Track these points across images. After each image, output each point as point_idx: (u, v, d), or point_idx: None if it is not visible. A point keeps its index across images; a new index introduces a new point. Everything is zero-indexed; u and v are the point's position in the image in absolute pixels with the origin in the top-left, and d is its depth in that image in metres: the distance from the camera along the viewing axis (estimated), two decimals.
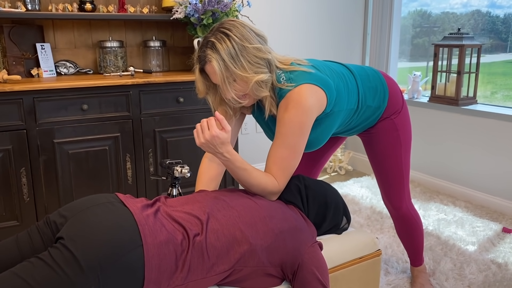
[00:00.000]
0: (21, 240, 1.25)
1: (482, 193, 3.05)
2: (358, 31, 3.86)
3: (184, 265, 1.19)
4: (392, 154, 1.80)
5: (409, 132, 1.82)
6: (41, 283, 1.06)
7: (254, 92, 1.46)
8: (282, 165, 1.46)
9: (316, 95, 1.48)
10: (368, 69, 1.77)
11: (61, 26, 2.75)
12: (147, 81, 2.48)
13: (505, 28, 3.20)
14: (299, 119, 1.45)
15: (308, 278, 1.30)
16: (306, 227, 1.44)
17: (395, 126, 1.77)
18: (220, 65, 1.39)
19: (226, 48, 1.39)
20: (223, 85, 1.43)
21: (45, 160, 2.32)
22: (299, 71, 1.51)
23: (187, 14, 2.62)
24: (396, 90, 1.79)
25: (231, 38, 1.40)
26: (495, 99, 3.28)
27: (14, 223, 2.31)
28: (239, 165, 1.41)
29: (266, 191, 1.45)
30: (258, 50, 1.43)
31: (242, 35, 1.41)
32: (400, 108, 1.79)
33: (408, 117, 1.83)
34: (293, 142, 1.46)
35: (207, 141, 1.34)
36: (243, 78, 1.41)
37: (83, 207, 1.21)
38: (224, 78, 1.41)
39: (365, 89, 1.69)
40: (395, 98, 1.77)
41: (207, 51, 1.41)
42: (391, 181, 1.84)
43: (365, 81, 1.70)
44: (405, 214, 1.91)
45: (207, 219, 1.28)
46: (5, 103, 2.19)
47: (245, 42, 1.41)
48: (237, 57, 1.40)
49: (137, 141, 2.54)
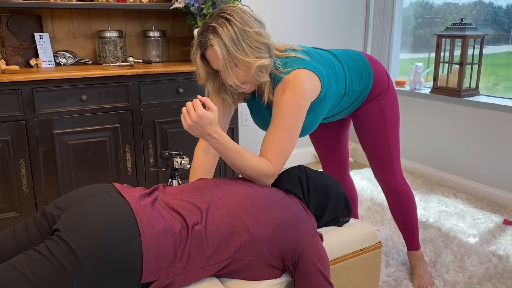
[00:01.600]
0: (18, 232, 1.24)
1: (483, 185, 3.04)
2: (359, 21, 3.83)
3: (183, 255, 1.18)
4: (379, 132, 1.86)
5: (396, 112, 1.86)
6: (38, 275, 1.05)
7: (255, 77, 1.45)
8: (277, 148, 1.45)
9: (311, 80, 1.49)
10: (352, 53, 1.79)
11: (59, 16, 2.72)
12: (147, 71, 2.46)
13: (507, 19, 3.17)
14: (296, 102, 1.45)
15: (309, 269, 1.29)
16: (307, 217, 1.43)
17: (381, 107, 1.82)
18: (222, 49, 1.38)
19: (227, 33, 1.37)
20: (225, 70, 1.41)
21: (44, 151, 2.30)
22: (293, 57, 1.52)
23: (187, 3, 2.59)
24: (381, 72, 1.81)
25: (232, 23, 1.39)
26: (497, 90, 3.26)
27: (13, 214, 2.30)
28: (230, 145, 1.38)
29: (261, 174, 1.42)
30: (259, 34, 1.42)
31: (243, 20, 1.41)
32: (385, 89, 1.82)
33: (394, 97, 1.86)
34: (290, 124, 1.45)
35: (194, 122, 1.31)
36: (245, 63, 1.40)
37: (79, 198, 1.20)
38: (226, 62, 1.39)
39: (351, 74, 1.71)
40: (380, 80, 1.79)
41: (209, 35, 1.39)
42: (380, 156, 1.90)
43: (350, 66, 1.72)
44: (397, 188, 1.94)
45: (207, 208, 1.27)
46: (4, 93, 2.17)
47: (246, 27, 1.40)
48: (239, 41, 1.39)
49: (136, 132, 2.52)
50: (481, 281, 2.03)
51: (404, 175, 2.06)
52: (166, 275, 1.16)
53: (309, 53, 1.59)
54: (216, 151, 1.43)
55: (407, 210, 1.98)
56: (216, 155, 1.67)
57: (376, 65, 1.81)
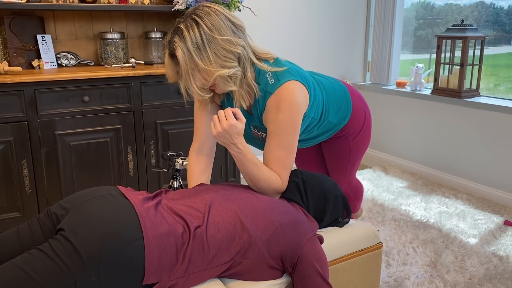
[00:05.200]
0: (21, 232, 1.25)
1: (484, 186, 3.04)
2: (360, 22, 3.84)
3: (184, 257, 1.19)
4: (340, 166, 1.96)
5: (363, 151, 1.93)
6: (41, 275, 1.06)
7: (220, 86, 1.42)
8: (281, 165, 1.47)
9: (302, 93, 1.48)
10: (336, 84, 1.78)
11: (62, 17, 2.73)
12: (149, 72, 2.47)
13: (509, 20, 3.17)
14: (292, 118, 1.44)
15: (308, 270, 1.30)
16: (306, 220, 1.44)
17: (349, 147, 1.88)
18: (185, 54, 1.34)
19: (193, 37, 1.33)
20: (186, 75, 1.38)
21: (46, 152, 2.32)
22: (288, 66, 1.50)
23: (188, 5, 2.60)
24: (359, 109, 1.81)
25: (200, 27, 1.34)
26: (498, 91, 3.26)
27: (16, 215, 2.31)
28: (250, 157, 1.41)
29: (271, 187, 1.46)
30: (228, 42, 1.36)
31: (213, 25, 1.35)
32: (359, 131, 1.85)
33: (367, 137, 1.91)
34: (289, 141, 1.46)
35: (224, 130, 1.32)
36: (206, 71, 1.36)
37: (84, 199, 1.21)
38: (188, 68, 1.36)
39: (329, 104, 1.71)
40: (357, 119, 1.81)
41: (175, 38, 1.36)
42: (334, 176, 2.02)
43: (330, 96, 1.72)
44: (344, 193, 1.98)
45: (208, 211, 1.28)
46: (6, 94, 2.18)
47: (214, 33, 1.34)
48: (204, 48, 1.34)
49: (138, 133, 2.54)
50: (481, 282, 2.03)
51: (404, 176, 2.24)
52: (168, 278, 1.17)
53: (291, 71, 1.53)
54: (236, 160, 1.43)
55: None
56: (209, 155, 1.68)
57: (357, 100, 1.81)
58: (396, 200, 2.96)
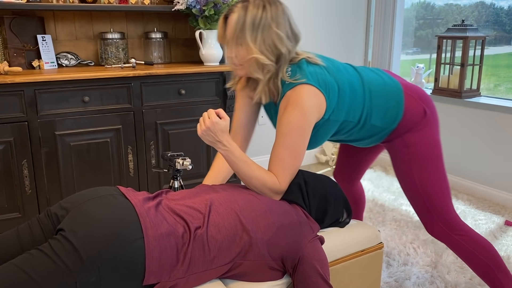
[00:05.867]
0: (21, 232, 1.25)
1: (484, 186, 3.04)
2: (360, 22, 3.84)
3: (185, 258, 1.19)
4: (402, 172, 1.66)
5: (427, 149, 1.62)
6: (41, 275, 1.06)
7: (249, 68, 1.47)
8: (282, 165, 1.46)
9: (315, 98, 1.46)
10: (389, 85, 1.63)
11: (62, 18, 2.73)
12: (149, 73, 2.47)
13: (509, 20, 3.17)
14: (296, 120, 1.44)
15: (309, 271, 1.30)
16: (307, 221, 1.44)
17: (404, 142, 1.64)
18: (239, 22, 1.42)
19: (254, 14, 1.41)
20: (230, 41, 1.45)
21: (46, 152, 2.31)
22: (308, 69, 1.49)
23: (188, 5, 2.60)
24: (415, 110, 1.62)
25: (265, 11, 1.42)
26: (498, 91, 3.26)
27: (16, 215, 2.31)
28: (238, 155, 1.42)
29: (266, 186, 1.44)
30: (279, 38, 1.44)
31: (276, 17, 1.44)
32: (413, 127, 1.63)
33: (428, 134, 1.63)
34: (292, 142, 1.45)
35: (207, 128, 1.37)
36: (247, 47, 1.43)
37: (84, 199, 1.21)
38: (235, 36, 1.43)
39: (372, 107, 1.60)
40: (411, 119, 1.62)
41: (239, 4, 1.44)
42: (412, 202, 1.69)
43: (376, 98, 1.60)
44: (446, 238, 1.66)
45: (208, 212, 1.28)
46: (6, 95, 2.18)
47: (272, 24, 1.43)
48: (257, 28, 1.42)
49: (138, 133, 2.53)
50: (482, 282, 2.03)
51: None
52: (168, 278, 1.17)
53: (328, 69, 1.52)
54: (226, 160, 1.45)
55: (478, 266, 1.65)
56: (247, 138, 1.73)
57: (413, 101, 1.62)
58: (397, 200, 2.96)
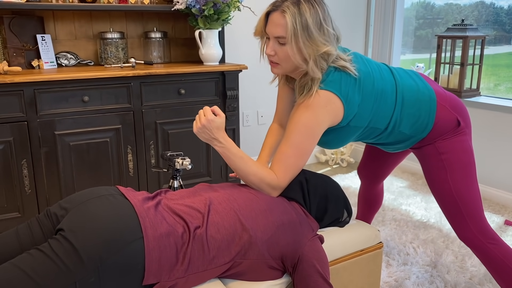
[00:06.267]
0: (21, 232, 1.25)
1: (484, 186, 3.04)
2: (360, 22, 3.84)
3: (184, 258, 1.19)
4: (437, 178, 1.64)
5: (462, 155, 1.61)
6: (40, 275, 1.06)
7: (312, 68, 1.44)
8: (284, 161, 1.46)
9: (331, 106, 1.45)
10: (423, 92, 1.60)
11: (61, 17, 2.73)
12: (148, 72, 2.47)
13: (509, 20, 3.17)
14: (306, 120, 1.44)
15: (308, 270, 1.29)
16: (306, 220, 1.44)
17: (436, 150, 1.62)
18: (295, 21, 1.39)
19: (308, 12, 1.40)
20: (290, 39, 1.41)
21: (46, 152, 2.31)
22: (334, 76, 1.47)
23: (188, 5, 2.60)
24: (447, 121, 1.60)
25: (316, 11, 1.41)
26: (498, 91, 3.26)
27: (15, 215, 2.31)
28: (235, 151, 1.42)
29: (264, 182, 1.43)
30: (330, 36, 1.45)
31: (325, 17, 1.44)
32: (445, 135, 1.61)
33: (461, 142, 1.61)
34: (298, 141, 1.45)
35: (203, 126, 1.38)
36: (314, 42, 1.41)
37: (83, 199, 1.21)
38: (296, 33, 1.40)
39: (403, 114, 1.58)
40: (442, 128, 1.60)
41: (287, 2, 1.41)
42: (445, 207, 1.66)
43: (408, 106, 1.58)
44: (478, 246, 1.63)
45: (207, 212, 1.28)
46: (6, 94, 2.18)
47: (323, 22, 1.43)
48: (315, 25, 1.41)
49: (138, 133, 2.53)
50: (481, 282, 2.03)
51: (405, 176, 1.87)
52: (168, 278, 1.17)
53: (360, 76, 1.49)
54: (223, 157, 1.45)
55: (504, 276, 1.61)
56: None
57: (446, 112, 1.60)
58: (397, 200, 2.96)
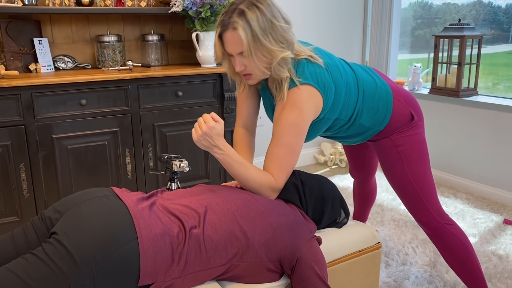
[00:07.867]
0: (16, 237, 1.25)
1: (483, 185, 3.04)
2: (358, 22, 3.84)
3: (180, 258, 1.19)
4: (395, 169, 1.71)
5: (416, 146, 1.69)
6: (35, 279, 1.05)
7: (275, 71, 1.44)
8: (279, 163, 1.46)
9: (313, 99, 1.47)
10: (380, 87, 1.66)
11: (58, 21, 2.73)
12: (146, 75, 2.47)
13: (507, 19, 3.17)
14: (294, 120, 1.44)
15: (307, 273, 1.29)
16: (304, 221, 1.44)
17: (392, 143, 1.70)
18: (248, 34, 1.37)
19: (256, 19, 1.37)
20: (248, 55, 1.40)
21: (44, 156, 2.31)
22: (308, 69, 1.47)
23: (185, 7, 2.60)
24: (402, 114, 1.67)
25: (261, 11, 1.39)
26: (497, 90, 3.26)
27: (14, 219, 2.31)
28: (235, 158, 1.42)
29: (264, 187, 1.44)
30: (283, 29, 1.42)
31: (272, 12, 1.41)
32: (400, 128, 1.69)
33: (415, 135, 1.70)
34: (289, 141, 1.45)
35: (204, 133, 1.36)
36: (270, 52, 1.40)
37: (77, 201, 1.21)
38: (251, 48, 1.38)
39: (364, 107, 1.63)
40: (397, 123, 1.68)
41: (234, 17, 1.39)
42: (406, 195, 1.73)
43: (368, 99, 1.63)
44: (438, 228, 1.71)
45: (204, 212, 1.27)
46: (3, 98, 2.18)
47: (274, 19, 1.40)
48: (266, 30, 1.39)
49: (136, 136, 2.53)
50: None
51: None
52: (164, 278, 1.16)
53: (328, 67, 1.52)
54: (222, 164, 1.44)
55: (459, 254, 1.73)
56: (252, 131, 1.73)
57: (401, 105, 1.67)
58: (395, 200, 2.96)
